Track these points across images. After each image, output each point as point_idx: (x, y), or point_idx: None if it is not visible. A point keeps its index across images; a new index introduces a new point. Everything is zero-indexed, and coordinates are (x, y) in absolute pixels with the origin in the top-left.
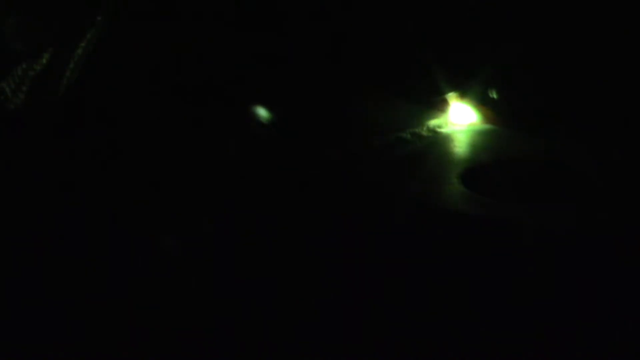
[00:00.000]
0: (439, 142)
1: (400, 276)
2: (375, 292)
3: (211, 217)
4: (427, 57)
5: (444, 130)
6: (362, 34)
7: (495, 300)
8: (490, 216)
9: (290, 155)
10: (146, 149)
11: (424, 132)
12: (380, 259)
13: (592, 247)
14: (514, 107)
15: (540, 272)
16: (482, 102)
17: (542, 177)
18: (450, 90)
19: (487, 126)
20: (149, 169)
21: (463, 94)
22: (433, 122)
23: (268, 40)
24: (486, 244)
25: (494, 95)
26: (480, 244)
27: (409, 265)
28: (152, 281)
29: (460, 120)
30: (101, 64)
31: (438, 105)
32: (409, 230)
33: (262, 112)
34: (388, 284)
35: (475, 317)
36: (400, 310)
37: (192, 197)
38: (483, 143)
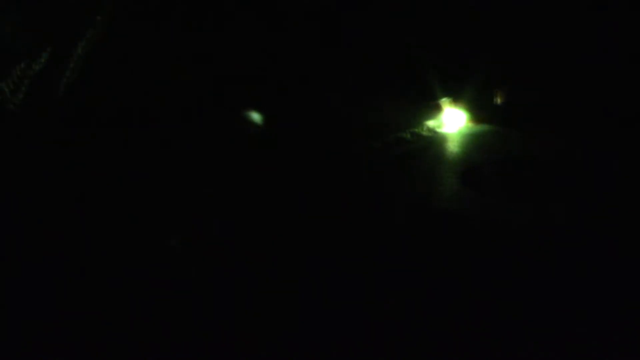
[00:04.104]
0: (438, 143)
1: (400, 275)
2: (375, 291)
3: (211, 217)
4: (427, 59)
5: (443, 130)
6: (363, 38)
7: (495, 299)
8: (489, 216)
9: (290, 156)
10: (146, 149)
11: (424, 133)
12: (380, 259)
13: (592, 246)
14: (514, 106)
15: (539, 271)
16: (480, 102)
17: (540, 176)
18: (450, 92)
19: (485, 126)
20: (149, 168)
21: (462, 94)
22: (432, 123)
23: (269, 42)
24: (485, 243)
25: (497, 99)
26: (479, 243)
27: (409, 264)
28: (153, 280)
29: (459, 120)
30: (101, 64)
31: (437, 106)
32: (409, 230)
33: (262, 113)
34: (388, 282)
35: (474, 315)
36: (400, 309)
37: (192, 196)
38: (482, 143)
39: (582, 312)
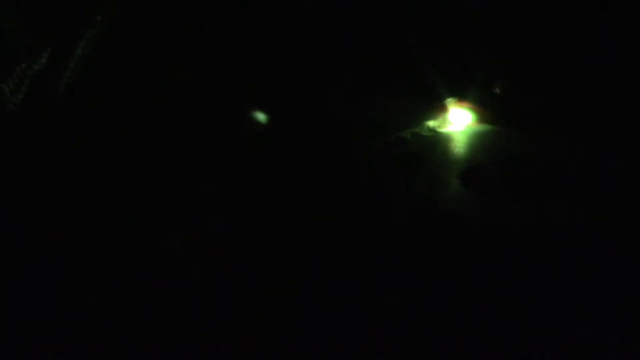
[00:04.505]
0: (438, 142)
1: (400, 275)
2: (375, 291)
3: (212, 216)
4: (428, 59)
5: (443, 130)
6: (363, 38)
7: (495, 299)
8: (489, 216)
9: (290, 156)
10: (146, 149)
11: (424, 133)
12: (380, 259)
13: (592, 246)
14: (514, 106)
15: (539, 271)
16: (481, 102)
17: (540, 177)
18: (451, 91)
19: (486, 126)
20: (149, 168)
21: (463, 94)
22: (433, 123)
23: (269, 42)
24: (485, 243)
25: (497, 91)
26: (479, 243)
27: (409, 264)
28: (153, 280)
29: (459, 120)
30: (101, 64)
31: (438, 105)
32: (409, 230)
33: (263, 113)
34: (388, 282)
35: (474, 315)
36: (400, 309)
37: (193, 196)
38: (482, 143)
39: (582, 312)
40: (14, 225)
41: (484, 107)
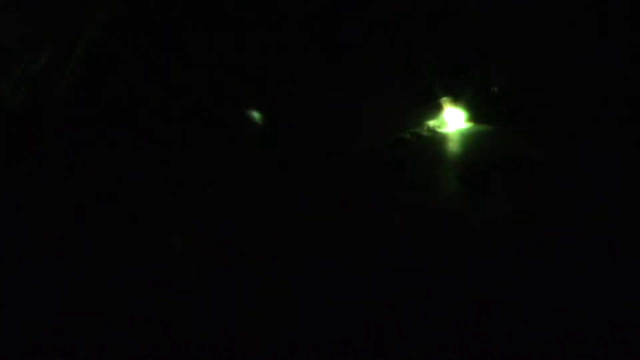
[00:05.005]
0: (438, 142)
1: (400, 275)
2: (375, 291)
3: (212, 216)
4: (428, 59)
5: (443, 130)
6: (364, 37)
7: (495, 299)
8: (489, 216)
9: (291, 156)
10: (146, 148)
11: (424, 132)
12: (380, 259)
13: (591, 246)
14: (514, 106)
15: (539, 271)
16: (480, 102)
17: (540, 177)
18: (450, 91)
19: (485, 126)
20: (149, 168)
21: (462, 94)
22: (433, 123)
23: (269, 42)
24: (485, 243)
25: (495, 90)
26: (479, 243)
27: (409, 264)
28: (153, 280)
29: (459, 120)
30: (101, 64)
31: (437, 105)
32: (409, 230)
33: (263, 113)
34: (388, 282)
35: (474, 314)
36: (400, 309)
37: (193, 196)
38: (481, 143)
39: (581, 312)
40: (14, 225)
41: (484, 107)
